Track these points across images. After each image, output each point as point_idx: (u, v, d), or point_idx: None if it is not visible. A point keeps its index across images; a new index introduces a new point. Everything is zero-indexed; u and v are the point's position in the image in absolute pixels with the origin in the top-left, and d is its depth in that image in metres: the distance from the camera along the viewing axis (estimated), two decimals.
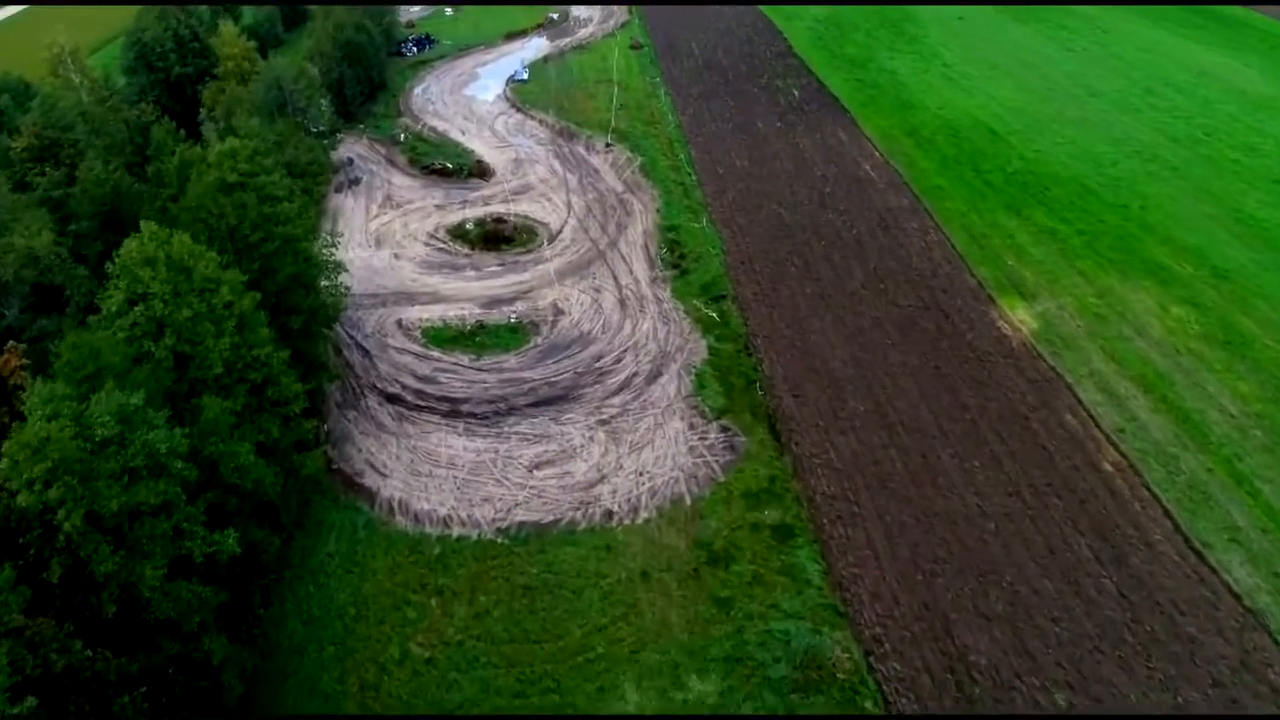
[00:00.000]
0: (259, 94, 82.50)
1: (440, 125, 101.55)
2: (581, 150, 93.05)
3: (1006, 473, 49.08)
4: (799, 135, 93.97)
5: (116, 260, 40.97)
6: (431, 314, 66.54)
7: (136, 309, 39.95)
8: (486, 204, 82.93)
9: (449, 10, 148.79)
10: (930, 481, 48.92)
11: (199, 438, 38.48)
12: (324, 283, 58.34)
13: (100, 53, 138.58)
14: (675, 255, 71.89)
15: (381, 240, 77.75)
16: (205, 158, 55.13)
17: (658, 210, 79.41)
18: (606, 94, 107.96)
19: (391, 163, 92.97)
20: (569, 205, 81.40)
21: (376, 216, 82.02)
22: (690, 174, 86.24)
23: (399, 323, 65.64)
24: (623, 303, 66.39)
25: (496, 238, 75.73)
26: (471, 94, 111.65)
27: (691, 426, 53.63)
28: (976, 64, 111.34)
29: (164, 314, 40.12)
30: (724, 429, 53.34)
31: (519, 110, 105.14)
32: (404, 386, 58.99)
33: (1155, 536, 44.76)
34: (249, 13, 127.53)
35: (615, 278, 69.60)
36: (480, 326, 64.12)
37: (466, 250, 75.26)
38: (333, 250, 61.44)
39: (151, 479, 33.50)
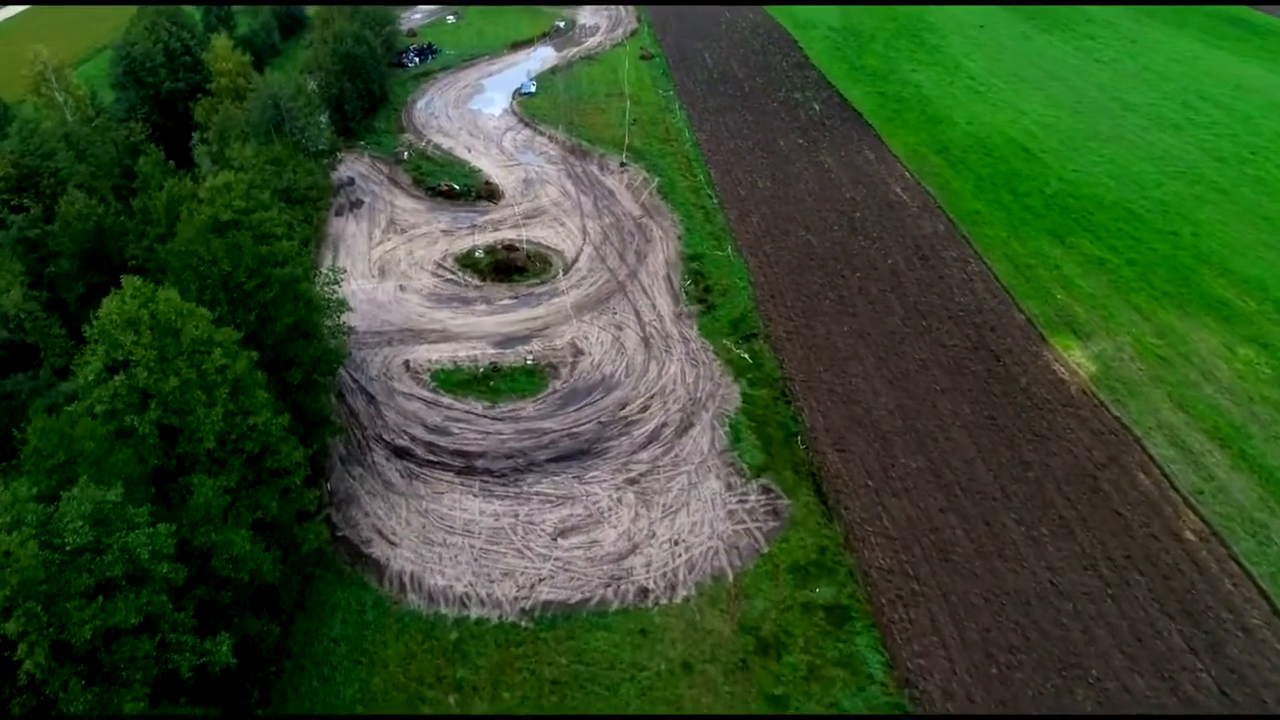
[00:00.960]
0: (254, 112, 77.74)
1: (445, 142, 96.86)
2: (595, 169, 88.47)
3: (1079, 543, 44.65)
4: (822, 153, 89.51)
5: (94, 323, 36.30)
6: (441, 354, 61.91)
7: (117, 379, 35.30)
8: (496, 229, 78.29)
9: (451, 18, 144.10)
10: (997, 553, 44.47)
11: (188, 527, 33.91)
12: (326, 323, 53.80)
13: (89, 63, 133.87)
14: (700, 288, 67.35)
15: (386, 270, 73.07)
16: (196, 193, 50.49)
17: (679, 237, 74.85)
18: (618, 108, 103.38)
19: (395, 183, 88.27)
20: (584, 231, 76.81)
21: (380, 243, 77.33)
22: (711, 196, 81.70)
23: (406, 364, 61.00)
24: (646, 341, 61.83)
25: (508, 268, 71.10)
26: (477, 108, 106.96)
27: (729, 487, 49.11)
28: (1002, 76, 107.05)
29: (148, 383, 35.48)
30: (765, 490, 48.83)
31: (527, 125, 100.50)
32: (413, 438, 54.36)
33: (1253, 620, 40.36)
34: (244, 22, 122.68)
35: (637, 313, 65.04)
36: (494, 369, 59.49)
37: (477, 281, 70.62)
38: (335, 288, 56.82)
39: (132, 590, 28.90)
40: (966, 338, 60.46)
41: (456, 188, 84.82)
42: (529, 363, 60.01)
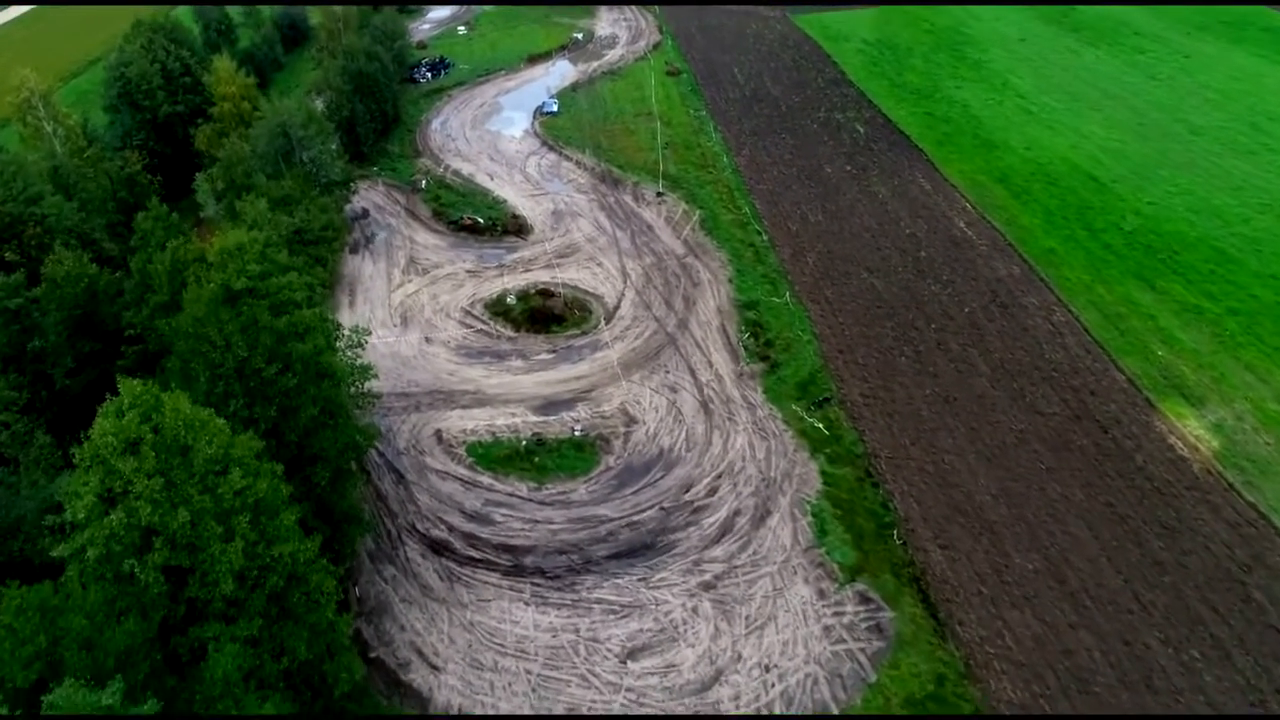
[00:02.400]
0: (261, 141, 70.98)
1: (464, 168, 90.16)
2: (629, 200, 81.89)
3: (1239, 670, 38.32)
4: (874, 182, 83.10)
5: (85, 445, 29.62)
6: (476, 422, 55.29)
7: (114, 516, 28.62)
8: (527, 269, 71.68)
9: (462, 29, 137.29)
10: (1144, 682, 38.10)
11: (203, 702, 27.33)
12: (350, 390, 47.31)
13: (83, 76, 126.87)
14: (760, 342, 60.84)
15: (409, 318, 66.40)
16: (205, 255, 43.82)
17: (729, 280, 68.33)
18: (647, 129, 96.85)
19: (413, 215, 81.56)
20: (624, 272, 70.26)
21: (400, 285, 70.65)
22: (759, 232, 75.19)
23: (438, 435, 54.37)
24: (706, 407, 55.32)
25: (545, 316, 64.50)
26: (496, 129, 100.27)
27: (821, 594, 42.65)
28: (1055, 94, 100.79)
29: (153, 519, 28.83)
30: (863, 598, 42.38)
31: (551, 149, 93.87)
32: (451, 528, 47.75)
33: None
34: (245, 35, 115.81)
35: (692, 372, 58.53)
36: (538, 442, 52.88)
37: (510, 332, 64.01)
38: (359, 352, 50.23)
39: None
40: (1065, 403, 54.09)
41: (481, 221, 78.17)
42: (576, 434, 53.42)
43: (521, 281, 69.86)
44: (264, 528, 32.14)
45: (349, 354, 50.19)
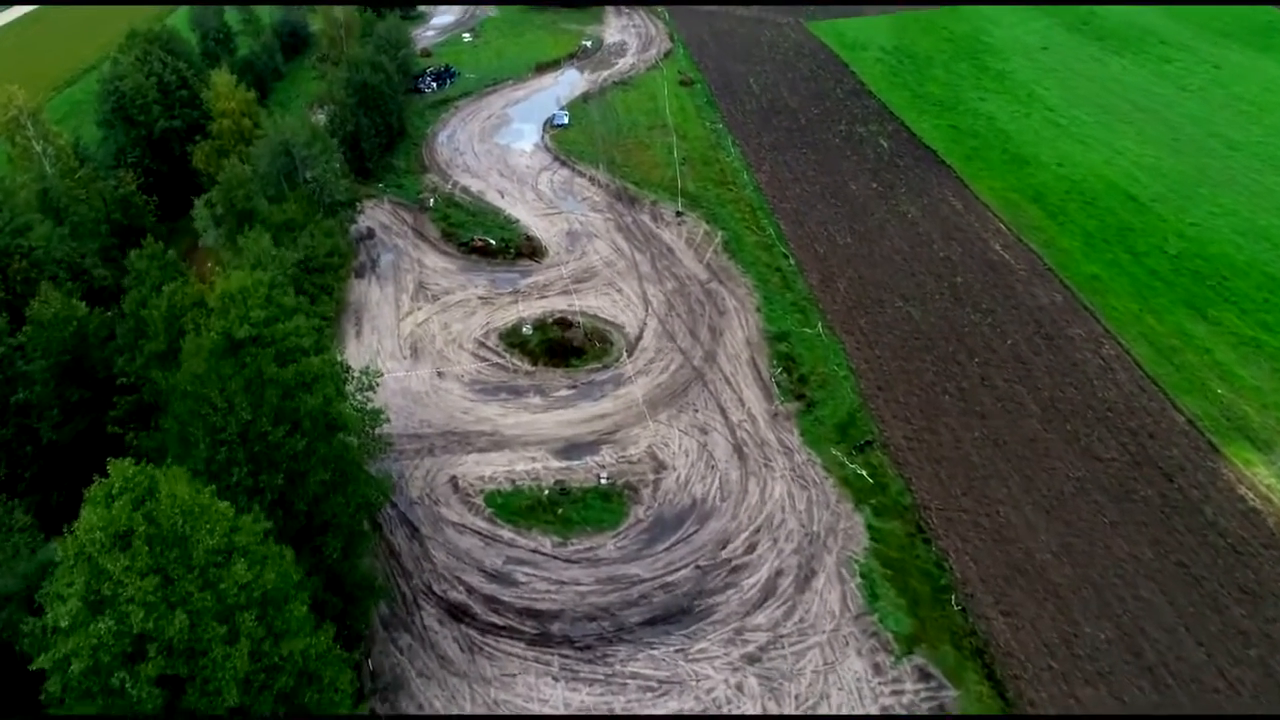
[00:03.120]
0: (263, 161, 67.42)
1: (474, 184, 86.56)
2: (647, 220, 78.37)
3: None
4: (902, 200, 79.65)
5: (69, 539, 26.07)
6: (494, 467, 51.73)
7: (102, 622, 25.08)
8: (543, 295, 68.13)
9: (467, 35, 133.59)
10: None
11: None
12: (359, 433, 43.87)
13: (77, 85, 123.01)
14: (794, 378, 57.35)
15: (419, 349, 62.82)
16: (204, 299, 40.26)
17: (757, 308, 64.83)
18: (663, 143, 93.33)
19: (421, 235, 77.95)
20: (645, 299, 66.74)
21: (409, 313, 67.06)
22: (785, 255, 71.69)
23: (454, 482, 50.80)
24: (740, 451, 51.82)
25: (563, 349, 60.99)
26: (505, 142, 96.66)
27: (876, 669, 39.18)
28: (1084, 106, 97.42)
29: (146, 625, 25.29)
30: (922, 674, 38.91)
31: (564, 164, 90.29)
32: (470, 590, 44.21)
33: None
34: (244, 43, 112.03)
35: (723, 411, 55.03)
36: (562, 492, 49.34)
37: (527, 366, 60.46)
38: (369, 395, 46.74)
39: None
40: (1123, 447, 50.67)
41: (493, 243, 74.59)
42: (602, 482, 49.88)
43: (537, 309, 66.33)
44: (272, 622, 28.62)
45: (359, 397, 46.81)
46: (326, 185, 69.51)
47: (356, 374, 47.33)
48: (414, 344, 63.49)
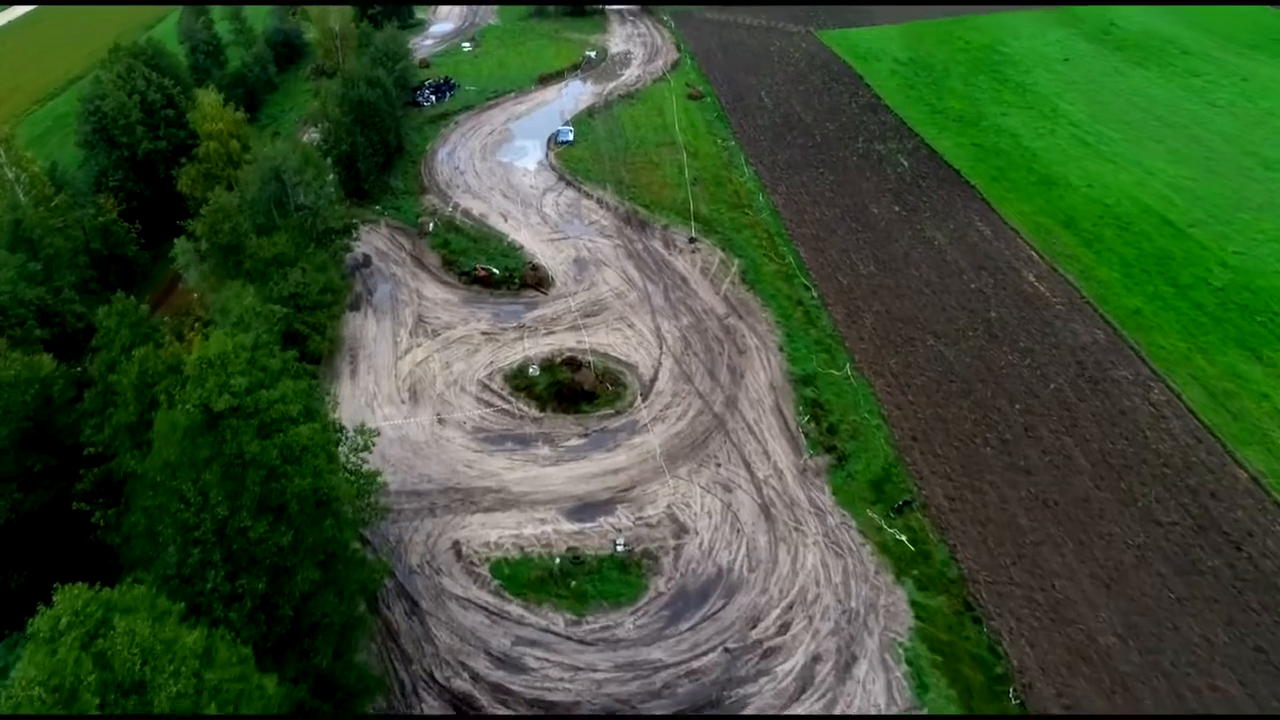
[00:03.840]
0: (252, 188, 63.24)
1: (475, 206, 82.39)
2: (658, 246, 74.27)
3: None
4: (927, 225, 75.66)
5: (2, 695, 21.89)
6: (500, 530, 47.61)
7: None
8: (550, 331, 64.02)
9: (467, 45, 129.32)
10: None
11: None
12: (354, 504, 39.85)
13: (60, 97, 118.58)
14: (823, 427, 53.28)
15: (418, 391, 58.68)
16: (180, 362, 36.10)
17: (779, 346, 60.77)
18: (673, 161, 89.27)
19: (420, 263, 73.76)
20: (659, 336, 62.66)
21: (408, 351, 62.91)
22: (807, 286, 67.62)
23: (456, 548, 46.67)
24: (767, 511, 47.76)
25: (573, 393, 56.88)
26: (508, 160, 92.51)
27: None
28: (1109, 122, 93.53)
29: None
30: None
31: (569, 184, 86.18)
32: (475, 677, 40.09)
33: None
34: (235, 55, 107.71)
35: (747, 464, 50.95)
36: (575, 560, 45.24)
37: (534, 411, 56.34)
38: (363, 458, 42.73)
39: None
40: (1184, 510, 46.69)
41: (496, 273, 70.43)
42: (619, 550, 45.77)
43: (544, 347, 62.21)
44: None
45: (354, 459, 42.79)
46: (320, 212, 65.32)
47: (351, 434, 43.36)
48: (413, 386, 59.34)
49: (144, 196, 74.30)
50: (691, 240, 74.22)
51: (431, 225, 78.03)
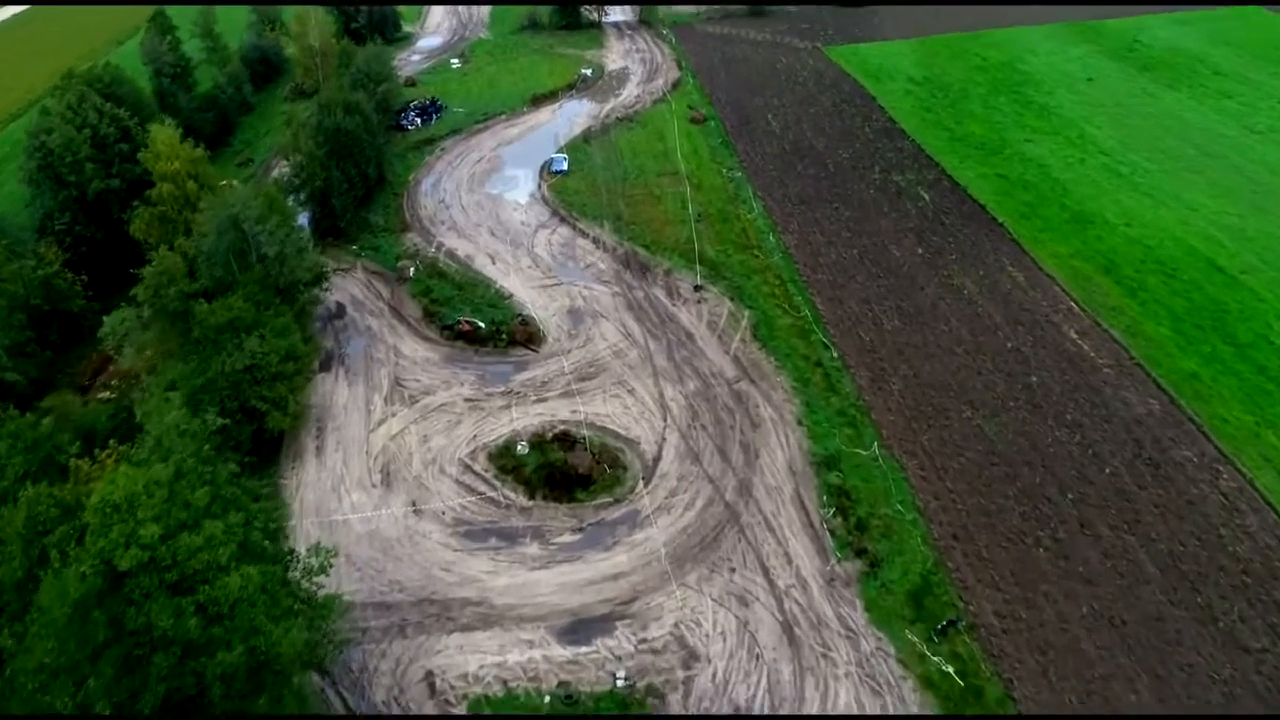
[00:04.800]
0: (208, 240, 56.56)
1: (461, 247, 75.75)
2: (660, 294, 67.74)
3: None
4: (954, 270, 69.20)
5: None
6: (481, 657, 40.99)
7: None
8: (540, 398, 57.45)
9: (455, 61, 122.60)
10: None
11: None
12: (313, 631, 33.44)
13: (24, 118, 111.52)
14: (850, 524, 46.78)
15: (391, 473, 52.06)
16: (79, 500, 29.53)
17: (798, 420, 54.26)
18: (675, 194, 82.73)
19: (398, 314, 67.13)
20: (663, 405, 56.14)
21: (382, 422, 56.28)
22: (826, 345, 61.09)
23: (429, 681, 40.06)
24: (790, 632, 41.26)
25: (566, 477, 50.35)
26: (497, 192, 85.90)
27: None
28: (1143, 151, 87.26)
29: None
30: None
31: (564, 220, 79.62)
32: None
33: None
34: (206, 77, 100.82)
35: (765, 570, 44.44)
36: (567, 699, 38.68)
37: (523, 499, 49.77)
38: (317, 584, 36.30)
39: None
40: (1274, 632, 40.29)
41: (481, 327, 63.81)
42: (618, 684, 39.25)
43: (534, 417, 55.63)
44: None
45: (306, 585, 36.40)
46: (286, 263, 58.67)
47: (304, 557, 36.91)
48: (386, 466, 52.70)
49: (94, 240, 67.59)
50: (697, 288, 67.69)
51: (412, 270, 71.35)
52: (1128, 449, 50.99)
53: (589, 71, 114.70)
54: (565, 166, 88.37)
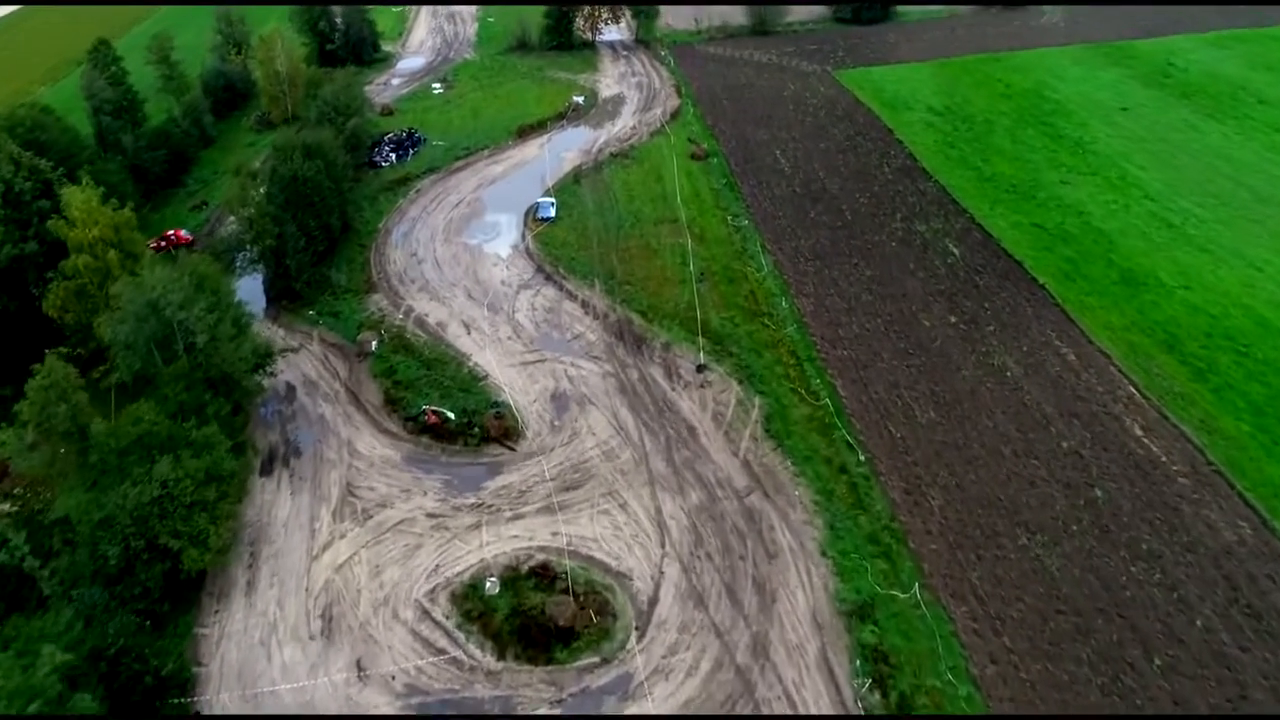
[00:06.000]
0: (124, 329, 47.92)
1: (433, 312, 67.02)
2: (658, 375, 59.06)
3: None
4: (993, 346, 60.51)
5: None
6: None
7: None
8: (516, 513, 48.69)
9: (438, 86, 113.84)
10: None
11: None
12: None
13: None
14: (891, 700, 38.05)
15: (334, 619, 43.27)
16: None
17: (822, 550, 45.55)
18: (674, 246, 74.11)
19: (355, 399, 58.41)
20: (660, 525, 47.46)
21: (328, 545, 47.51)
22: (850, 443, 52.36)
23: None
24: None
25: (544, 630, 41.65)
26: (476, 242, 77.23)
27: None
28: (1192, 194, 78.74)
29: None
30: None
31: (549, 278, 70.95)
32: None
33: None
34: (158, 110, 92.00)
35: None
36: None
37: (491, 660, 41.04)
38: None
39: None
40: None
41: (451, 418, 55.13)
42: None
43: (508, 541, 46.87)
44: None
45: None
46: (219, 351, 49.98)
47: None
48: (328, 609, 43.91)
49: (6, 314, 58.79)
50: (700, 369, 59.03)
51: (375, 344, 62.59)
52: (1219, 591, 42.37)
53: (581, 99, 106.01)
54: (553, 213, 79.68)
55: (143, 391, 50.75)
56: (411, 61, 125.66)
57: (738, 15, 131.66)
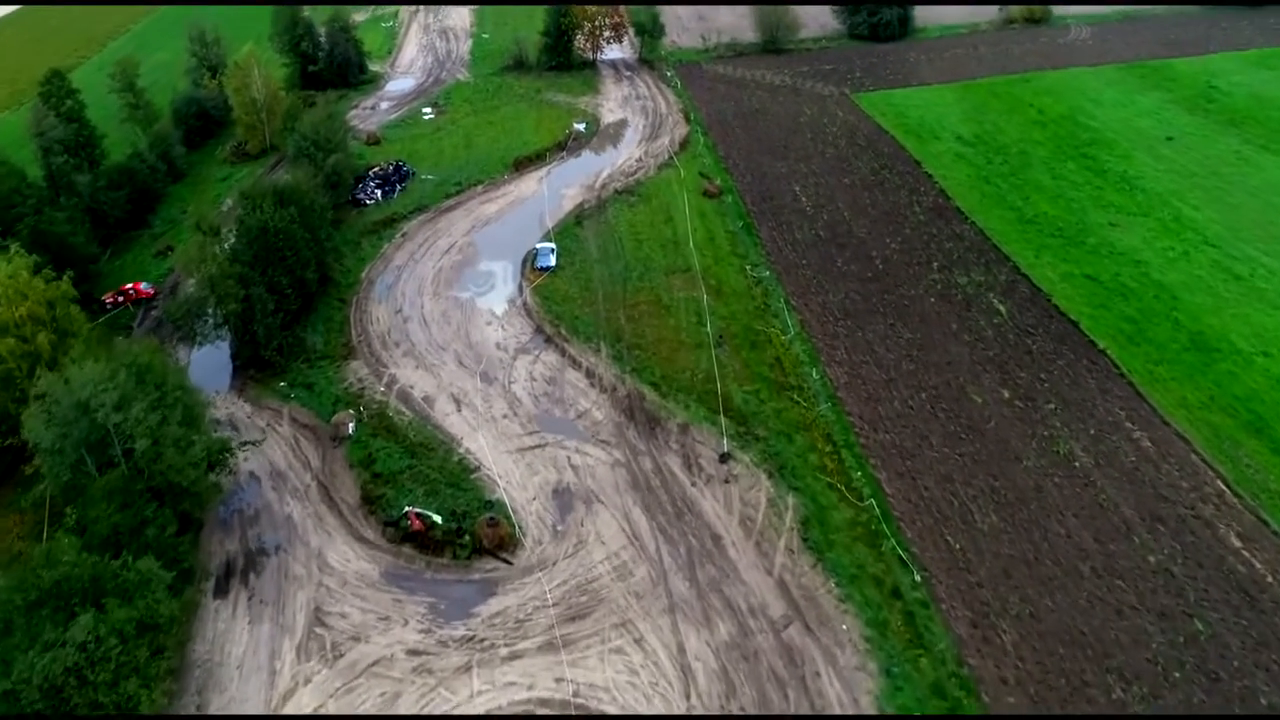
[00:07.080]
0: (48, 437, 40.48)
1: (419, 384, 59.61)
2: (676, 467, 51.62)
3: None
4: (1057, 429, 53.07)
5: None
6: None
7: None
8: (512, 649, 41.19)
9: (428, 111, 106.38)
10: None
11: None
12: None
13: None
14: None
15: None
16: None
17: (878, 707, 38.17)
18: (688, 300, 66.81)
19: (328, 496, 50.91)
20: (683, 668, 40.03)
21: (290, 693, 40.03)
22: (903, 558, 44.95)
23: None
24: None
25: None
26: (469, 295, 69.87)
27: None
28: (1257, 240, 71.65)
29: None
30: None
31: (549, 340, 63.58)
32: None
33: None
34: (119, 145, 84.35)
35: None
36: None
37: None
38: None
39: None
40: None
41: (437, 523, 47.66)
42: None
43: (502, 690, 39.40)
44: None
45: None
46: (164, 457, 42.52)
47: None
48: None
49: None
50: (724, 459, 51.62)
51: (352, 426, 55.12)
52: None
53: (582, 125, 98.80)
54: (553, 261, 72.30)
55: (77, 500, 43.30)
56: (401, 83, 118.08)
57: (747, 32, 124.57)
